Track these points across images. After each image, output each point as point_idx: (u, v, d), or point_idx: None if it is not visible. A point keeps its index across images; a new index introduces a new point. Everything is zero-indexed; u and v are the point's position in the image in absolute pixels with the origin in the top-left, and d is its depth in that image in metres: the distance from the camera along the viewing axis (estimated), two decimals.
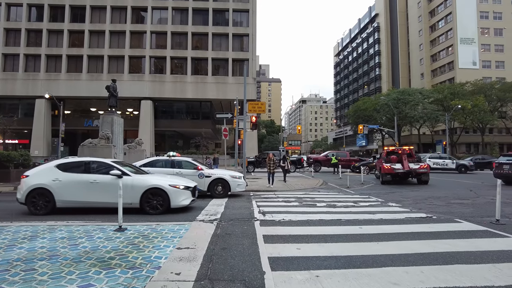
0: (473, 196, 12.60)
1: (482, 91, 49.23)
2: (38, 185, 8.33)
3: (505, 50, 61.70)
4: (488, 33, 61.97)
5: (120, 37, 43.58)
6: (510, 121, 51.74)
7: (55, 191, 8.27)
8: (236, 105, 20.66)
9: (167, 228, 6.56)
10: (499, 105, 50.38)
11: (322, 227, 6.83)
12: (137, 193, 8.37)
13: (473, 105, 44.06)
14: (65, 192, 8.27)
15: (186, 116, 46.70)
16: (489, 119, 47.68)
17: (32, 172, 8.78)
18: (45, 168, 8.76)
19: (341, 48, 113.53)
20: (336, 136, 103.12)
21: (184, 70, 43.90)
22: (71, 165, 8.76)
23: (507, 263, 4.54)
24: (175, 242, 5.44)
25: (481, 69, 60.60)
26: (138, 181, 8.53)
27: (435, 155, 30.43)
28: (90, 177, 8.45)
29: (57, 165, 8.69)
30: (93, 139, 17.07)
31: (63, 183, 8.34)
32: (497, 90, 49.66)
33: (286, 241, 5.66)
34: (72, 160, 9.16)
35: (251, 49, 44.43)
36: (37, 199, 8.32)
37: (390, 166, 17.64)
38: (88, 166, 8.75)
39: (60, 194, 8.29)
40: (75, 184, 8.38)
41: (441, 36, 65.76)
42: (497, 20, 62.17)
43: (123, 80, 41.06)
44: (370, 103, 54.59)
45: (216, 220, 7.50)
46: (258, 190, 14.28)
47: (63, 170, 8.55)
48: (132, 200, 8.36)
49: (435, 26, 67.90)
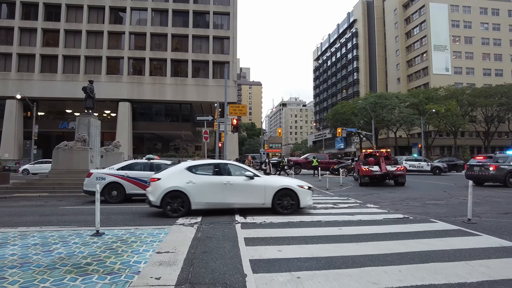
0: (447, 196, 13.06)
1: (454, 96, 51.31)
2: (173, 187, 8.29)
3: (475, 58, 64.67)
4: (459, 41, 64.76)
5: (97, 37, 42.55)
6: (479, 125, 54.16)
7: (190, 193, 8.29)
8: (217, 108, 20.59)
9: (146, 232, 6.43)
10: (469, 109, 52.64)
11: (303, 229, 6.89)
12: (270, 194, 8.64)
13: (446, 109, 45.82)
14: (199, 194, 8.32)
15: (166, 118, 46.10)
16: (461, 123, 49.75)
17: (164, 175, 8.68)
18: (176, 171, 8.76)
19: (320, 52, 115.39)
20: (315, 139, 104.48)
21: (164, 71, 43.36)
22: (201, 167, 8.89)
23: (478, 260, 4.72)
24: (155, 246, 5.34)
25: (453, 75, 63.19)
26: (270, 182, 8.87)
27: (411, 158, 31.34)
28: (223, 179, 8.58)
29: (188, 167, 8.74)
30: (69, 142, 16.57)
31: (197, 185, 8.38)
32: (467, 96, 51.90)
33: (268, 243, 5.66)
34: (202, 162, 9.32)
35: (232, 52, 44.44)
36: (172, 202, 8.29)
37: (368, 168, 18.03)
38: (218, 168, 8.91)
39: (195, 196, 8.33)
40: (209, 186, 8.48)
41: (416, 43, 68.12)
42: (467, 29, 65.08)
43: (101, 81, 40.11)
44: (349, 107, 55.71)
45: (196, 224, 7.42)
46: None
47: (194, 172, 8.63)
48: (265, 200, 8.65)
49: (411, 33, 70.28)
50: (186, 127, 43.89)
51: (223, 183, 8.51)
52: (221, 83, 41.25)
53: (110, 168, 12.07)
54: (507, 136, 58.85)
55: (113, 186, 11.35)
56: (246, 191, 8.56)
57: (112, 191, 11.33)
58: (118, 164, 12.80)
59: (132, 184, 11.45)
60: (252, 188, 8.62)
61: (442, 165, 29.49)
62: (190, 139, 44.02)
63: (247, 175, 8.69)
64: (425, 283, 3.83)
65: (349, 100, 71.43)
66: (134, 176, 11.56)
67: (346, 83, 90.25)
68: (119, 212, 9.36)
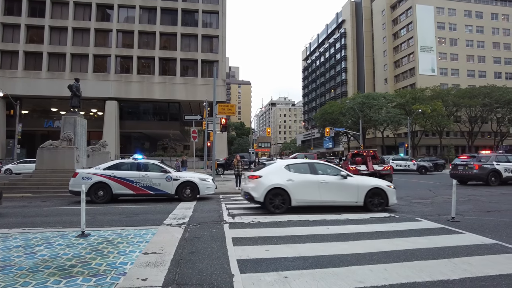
0: (432, 195, 13.31)
1: (440, 96, 52.33)
2: (275, 185, 8.66)
3: (459, 59, 66.09)
4: (445, 43, 66.06)
5: (84, 35, 41.78)
6: (464, 125, 55.39)
7: (290, 191, 8.64)
8: (205, 107, 20.49)
9: (132, 233, 6.36)
10: (454, 110, 53.75)
11: (291, 228, 6.92)
12: (362, 193, 9.07)
13: (432, 109, 46.67)
14: (298, 191, 8.64)
15: (153, 117, 45.64)
16: (446, 123, 50.78)
17: (264, 173, 9.05)
18: (275, 169, 9.15)
19: (309, 52, 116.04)
20: (304, 139, 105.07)
21: (152, 70, 42.90)
22: (298, 166, 9.27)
23: (461, 257, 4.84)
24: (142, 247, 5.29)
25: (439, 76, 64.43)
26: (361, 181, 9.31)
27: (398, 157, 31.82)
28: (319, 178, 9.01)
29: (286, 165, 9.16)
30: (54, 141, 16.25)
31: (296, 183, 8.73)
32: (452, 96, 53.00)
33: (255, 243, 5.67)
34: (298, 161, 9.82)
35: (221, 51, 44.26)
36: (273, 199, 8.66)
37: (355, 168, 18.23)
38: (313, 167, 9.31)
39: (295, 193, 8.67)
40: (307, 184, 8.83)
41: (403, 44, 69.16)
42: (452, 31, 66.43)
43: (87, 79, 39.42)
44: (337, 106, 56.22)
45: (184, 224, 7.38)
46: (228, 193, 14.20)
47: (292, 171, 9.03)
48: (358, 199, 9.08)
49: (398, 34, 71.33)
50: (174, 126, 43.54)
51: (320, 182, 8.93)
52: (210, 82, 41.06)
53: (97, 167, 11.88)
54: (490, 136, 60.29)
55: (99, 186, 11.18)
56: (341, 190, 9.00)
57: (98, 191, 11.15)
58: (105, 163, 12.60)
59: (119, 184, 11.29)
60: (346, 187, 9.07)
61: (428, 164, 30.04)
62: (178, 138, 43.69)
63: (342, 175, 9.16)
64: (409, 281, 3.90)
65: (337, 100, 72.07)
66: (121, 176, 11.41)
67: (335, 83, 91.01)
68: (106, 212, 9.24)
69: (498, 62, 67.54)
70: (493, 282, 3.90)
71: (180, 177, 11.86)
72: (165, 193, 11.63)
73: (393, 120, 49.17)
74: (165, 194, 11.64)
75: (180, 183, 11.71)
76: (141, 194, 11.53)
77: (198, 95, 41.92)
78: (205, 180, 12.15)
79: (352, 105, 49.94)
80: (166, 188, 11.61)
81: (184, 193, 11.72)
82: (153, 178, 11.55)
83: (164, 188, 11.59)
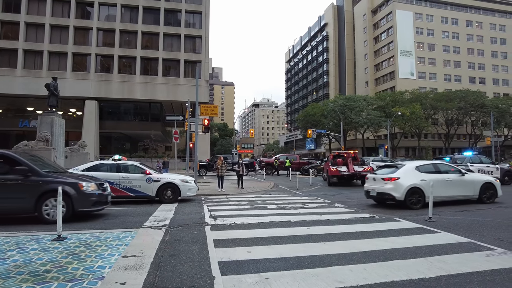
0: None
1: (419, 99, 53.74)
2: (413, 185, 9.83)
3: (437, 64, 68.19)
4: (423, 47, 68.03)
5: (62, 32, 40.59)
6: (441, 127, 57.15)
7: (424, 189, 9.77)
8: (188, 107, 20.29)
9: (111, 235, 6.22)
10: (432, 112, 55.34)
11: (273, 229, 6.94)
12: (477, 187, 10.61)
13: (411, 112, 47.85)
14: (430, 189, 8.96)
15: (134, 117, 44.87)
16: (424, 125, 52.20)
17: (400, 175, 10.11)
18: (408, 170, 10.29)
19: (292, 55, 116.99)
20: (287, 140, 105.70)
21: (133, 69, 42.17)
22: (424, 167, 10.46)
23: (437, 256, 4.99)
24: (121, 250, 5.18)
25: (418, 80, 66.25)
26: (476, 177, 10.98)
27: (378, 159, 32.44)
28: (444, 176, 10.39)
29: (416, 167, 10.38)
30: (30, 141, 15.74)
31: (427, 182, 9.65)
32: (430, 99, 54.56)
33: (237, 245, 5.66)
34: (424, 163, 10.83)
35: (204, 51, 44.02)
36: (411, 197, 9.82)
37: (336, 169, 18.50)
38: (437, 167, 10.64)
39: (427, 191, 9.50)
40: (436, 183, 9.74)
41: (384, 48, 70.78)
42: (430, 36, 68.48)
43: (66, 78, 38.34)
44: (319, 108, 56.86)
45: (164, 226, 7.28)
46: (210, 194, 14.12)
47: (422, 171, 10.23)
48: (474, 192, 10.64)
49: (379, 38, 72.91)
50: (156, 127, 42.92)
51: (445, 180, 10.31)
52: (192, 83, 40.69)
53: (75, 169, 11.56)
54: (465, 138, 62.40)
55: None
56: (461, 185, 10.45)
57: None
58: (84, 165, 12.29)
59: None
60: (465, 183, 10.55)
61: None
62: (159, 139, 43.09)
63: (461, 172, 10.66)
64: (388, 280, 3.99)
65: (319, 102, 72.92)
66: (100, 177, 11.13)
67: (317, 85, 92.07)
68: (84, 215, 8.98)
69: (473, 68, 70.10)
70: (466, 279, 4.04)
71: (161, 178, 11.69)
72: (146, 195, 11.45)
73: (374, 122, 50.11)
74: (146, 196, 11.46)
75: (161, 185, 11.54)
76: (121, 196, 11.31)
77: (180, 95, 41.49)
78: (187, 181, 12.04)
79: (334, 107, 50.64)
80: (147, 190, 11.43)
81: (165, 195, 11.56)
82: (133, 180, 11.36)
83: (145, 190, 11.41)
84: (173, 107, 47.57)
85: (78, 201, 7.71)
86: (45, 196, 7.44)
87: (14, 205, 7.46)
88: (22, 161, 7.63)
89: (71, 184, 7.75)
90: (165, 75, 42.81)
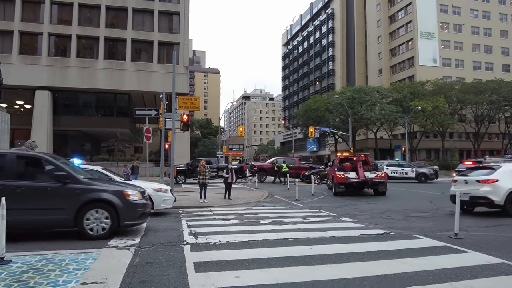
0: (433, 208, 13.82)
1: (443, 91, 54.30)
2: None
3: (464, 48, 68.88)
4: (448, 29, 68.68)
5: (6, 6, 40.05)
6: (469, 125, 57.63)
7: None
8: (162, 100, 20.22)
9: (68, 258, 6.15)
10: (459, 107, 55.96)
11: (266, 249, 6.95)
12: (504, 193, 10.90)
13: (434, 106, 48.27)
14: None
15: (96, 112, 44.57)
16: (450, 122, 52.63)
17: (499, 176, 10.84)
18: (507, 172, 11.08)
19: (290, 36, 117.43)
20: (284, 140, 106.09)
21: (95, 53, 41.83)
22: None
23: (463, 280, 5.05)
24: (79, 276, 5.13)
25: (441, 67, 66.84)
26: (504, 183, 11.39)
27: (394, 163, 32.79)
28: None
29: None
30: None
31: None
32: (456, 91, 55.09)
33: (223, 268, 5.65)
34: None
35: (183, 31, 43.88)
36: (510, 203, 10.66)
37: (343, 175, 18.59)
38: None
39: None
40: None
41: (401, 28, 71.36)
42: (456, 15, 69.19)
43: (11, 63, 37.77)
44: (322, 102, 57.16)
45: (134, 246, 7.24)
46: (190, 206, 14.10)
47: None
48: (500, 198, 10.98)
49: (395, 17, 73.46)
50: (123, 124, 42.57)
51: None
52: (168, 69, 40.53)
53: None
54: (497, 138, 63.18)
55: None
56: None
57: None
58: None
59: None
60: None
61: (428, 172, 31.15)
62: (128, 138, 42.76)
63: None
64: None
65: (323, 94, 73.30)
66: None
67: (320, 74, 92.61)
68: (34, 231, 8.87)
69: (507, 54, 70.98)
70: None
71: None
72: None
73: (388, 118, 50.50)
74: None
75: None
76: None
77: (153, 85, 41.22)
78: (161, 191, 12.02)
79: (341, 100, 50.97)
80: None
81: None
82: None
83: None
84: (144, 100, 47.34)
85: (124, 212, 7.83)
86: (87, 207, 7.64)
87: (50, 217, 7.71)
88: (59, 166, 7.90)
89: (116, 192, 7.94)
90: (134, 59, 42.53)
